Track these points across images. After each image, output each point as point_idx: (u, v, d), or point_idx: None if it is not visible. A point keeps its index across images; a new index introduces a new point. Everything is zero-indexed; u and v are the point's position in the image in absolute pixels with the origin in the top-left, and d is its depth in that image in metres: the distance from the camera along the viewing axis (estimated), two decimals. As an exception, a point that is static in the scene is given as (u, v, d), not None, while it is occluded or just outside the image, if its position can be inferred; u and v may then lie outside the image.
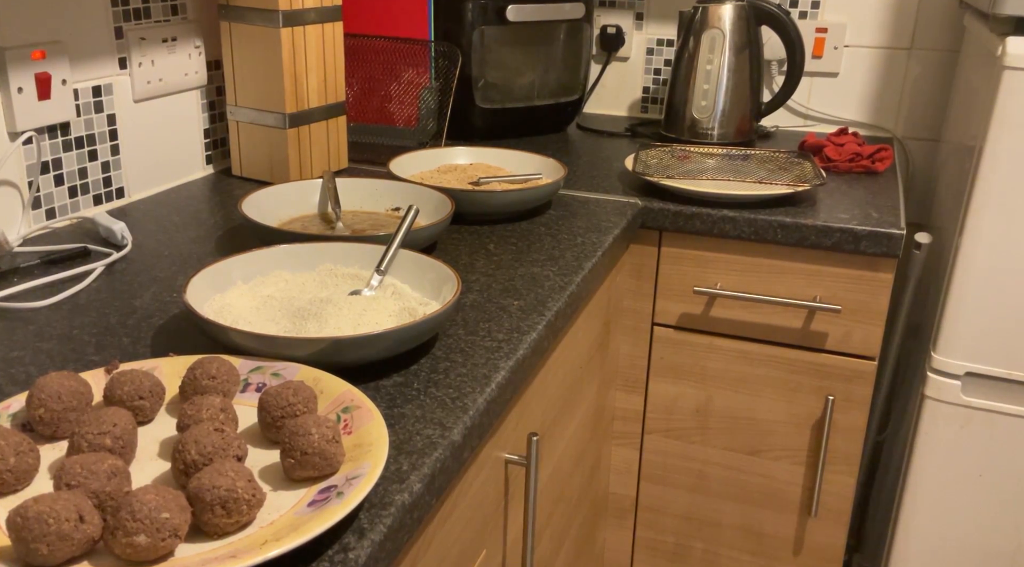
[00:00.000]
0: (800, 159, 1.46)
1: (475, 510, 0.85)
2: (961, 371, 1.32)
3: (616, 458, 1.50)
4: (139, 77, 1.26)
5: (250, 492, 0.56)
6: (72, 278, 0.99)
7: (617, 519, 1.54)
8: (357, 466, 0.62)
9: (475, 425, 0.75)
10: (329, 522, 0.55)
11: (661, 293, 1.39)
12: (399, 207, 1.18)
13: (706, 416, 1.43)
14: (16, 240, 1.09)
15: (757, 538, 1.46)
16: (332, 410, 0.69)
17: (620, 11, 1.89)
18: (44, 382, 0.66)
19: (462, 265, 1.06)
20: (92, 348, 0.84)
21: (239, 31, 1.31)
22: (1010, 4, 1.21)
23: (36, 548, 0.51)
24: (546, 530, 1.14)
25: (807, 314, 1.33)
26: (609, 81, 1.94)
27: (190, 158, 1.40)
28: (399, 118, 1.57)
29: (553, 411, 1.09)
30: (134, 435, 0.64)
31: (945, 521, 1.39)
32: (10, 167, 1.10)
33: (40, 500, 0.52)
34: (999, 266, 1.25)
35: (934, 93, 1.74)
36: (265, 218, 1.09)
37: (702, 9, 1.60)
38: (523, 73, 1.67)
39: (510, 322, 0.91)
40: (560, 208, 1.28)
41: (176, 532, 0.53)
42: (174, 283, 0.99)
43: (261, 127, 1.34)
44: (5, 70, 1.07)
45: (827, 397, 1.34)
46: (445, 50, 1.53)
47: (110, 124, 1.24)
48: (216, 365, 0.71)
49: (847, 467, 1.38)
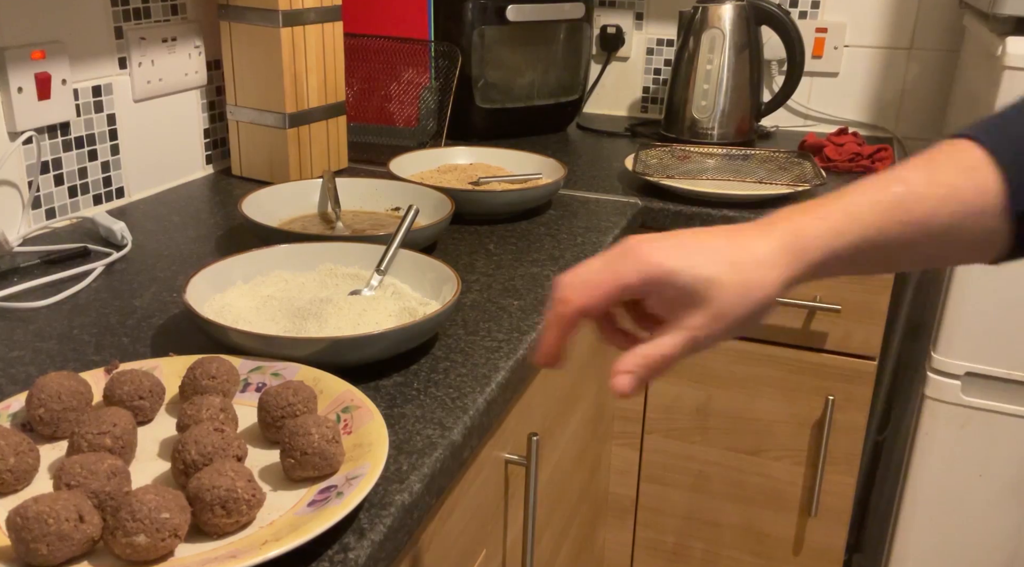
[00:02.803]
0: (800, 159, 1.46)
1: (475, 510, 0.85)
2: (961, 371, 1.32)
3: (616, 458, 1.50)
4: (139, 77, 1.26)
5: (250, 492, 0.56)
6: (72, 278, 0.99)
7: (617, 519, 1.54)
8: (357, 466, 0.62)
9: (475, 425, 0.75)
10: (329, 522, 0.55)
11: (661, 293, 1.39)
12: (399, 207, 1.18)
13: (706, 416, 1.43)
14: (16, 240, 1.09)
15: (757, 538, 1.46)
16: (332, 410, 0.69)
17: (620, 11, 1.89)
18: (44, 382, 0.66)
19: (462, 265, 1.06)
20: (92, 348, 0.84)
21: (239, 31, 1.31)
22: (1010, 4, 1.21)
23: (36, 548, 0.51)
24: (546, 530, 1.14)
25: (807, 314, 1.33)
26: (609, 81, 1.94)
27: (190, 158, 1.40)
28: (399, 118, 1.57)
29: (553, 411, 1.09)
30: (134, 435, 0.64)
31: (945, 521, 1.39)
32: (10, 167, 1.10)
33: (40, 500, 0.52)
34: (999, 266, 1.25)
35: (934, 93, 1.74)
36: (265, 218, 1.09)
37: (702, 9, 1.60)
38: (523, 73, 1.67)
39: (510, 322, 0.91)
40: (560, 208, 1.28)
41: (176, 532, 0.53)
42: (174, 283, 0.99)
43: (261, 127, 1.34)
44: (5, 70, 1.06)
45: (827, 397, 1.34)
46: (445, 50, 1.53)
47: (110, 124, 1.23)
48: (216, 365, 0.71)
49: (847, 467, 1.38)
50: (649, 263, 0.55)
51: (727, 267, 0.55)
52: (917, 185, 0.56)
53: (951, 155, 0.57)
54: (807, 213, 0.57)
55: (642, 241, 0.56)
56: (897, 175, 0.57)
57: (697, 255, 0.55)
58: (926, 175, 0.57)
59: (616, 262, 0.55)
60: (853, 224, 0.56)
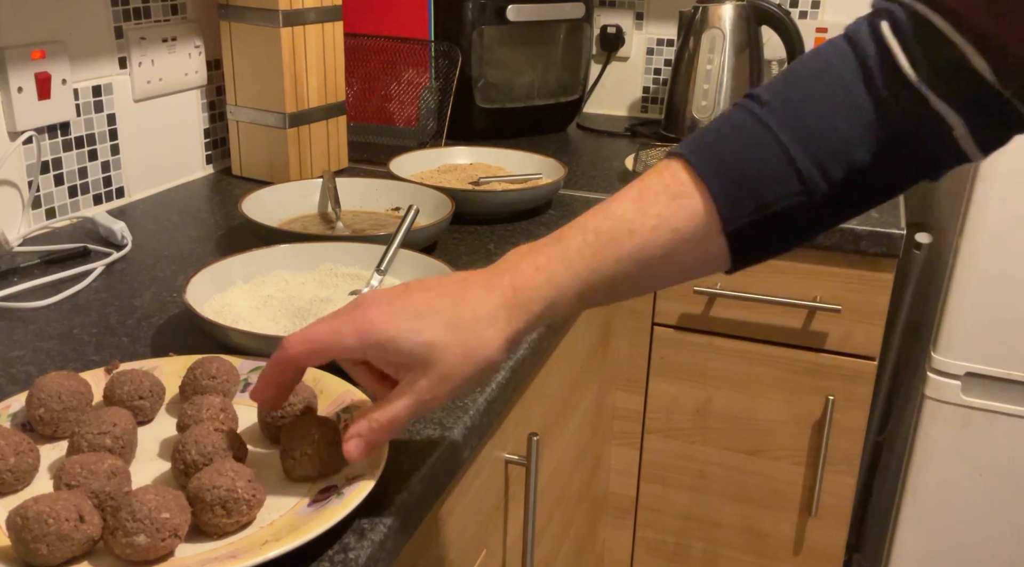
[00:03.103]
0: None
1: (475, 510, 0.85)
2: (961, 371, 1.32)
3: (616, 458, 1.50)
4: (139, 77, 1.26)
5: (250, 492, 0.56)
6: (72, 278, 0.99)
7: (617, 519, 1.54)
8: (357, 466, 0.62)
9: (475, 425, 0.75)
10: (329, 522, 0.55)
11: (661, 293, 1.39)
12: (399, 207, 1.18)
13: (706, 416, 1.43)
14: (16, 240, 1.09)
15: (757, 538, 1.46)
16: (332, 410, 0.69)
17: (620, 11, 1.89)
18: (44, 382, 0.66)
19: (462, 265, 1.06)
20: (92, 348, 0.84)
21: (239, 31, 1.31)
22: (1010, 4, 1.21)
23: (36, 548, 0.51)
24: (546, 530, 1.14)
25: (807, 314, 1.33)
26: (609, 81, 1.94)
27: (190, 158, 1.40)
28: (399, 118, 1.57)
29: (553, 411, 1.09)
30: (134, 435, 0.64)
31: (945, 521, 1.39)
32: (10, 167, 1.10)
33: (40, 500, 0.52)
34: (999, 266, 1.25)
35: (934, 93, 1.74)
36: (265, 218, 1.09)
37: (702, 9, 1.60)
38: (523, 73, 1.67)
39: (510, 322, 0.91)
40: (560, 208, 1.28)
41: (176, 532, 0.53)
42: (174, 283, 0.99)
43: (261, 127, 1.34)
44: (5, 70, 1.06)
45: (827, 397, 1.34)
46: (445, 50, 1.53)
47: (110, 124, 1.23)
48: (216, 365, 0.71)
49: (847, 467, 1.38)
50: (370, 329, 0.56)
51: (447, 330, 0.56)
52: (626, 220, 0.58)
53: (662, 180, 0.59)
54: (531, 258, 0.59)
55: (371, 304, 0.57)
56: (609, 210, 0.59)
57: (419, 319, 0.56)
58: (636, 207, 0.58)
59: (341, 323, 0.57)
60: (567, 272, 0.58)
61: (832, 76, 0.58)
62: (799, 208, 0.58)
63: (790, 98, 0.58)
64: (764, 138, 0.58)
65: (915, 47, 0.56)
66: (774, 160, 0.57)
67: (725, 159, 0.58)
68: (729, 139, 0.59)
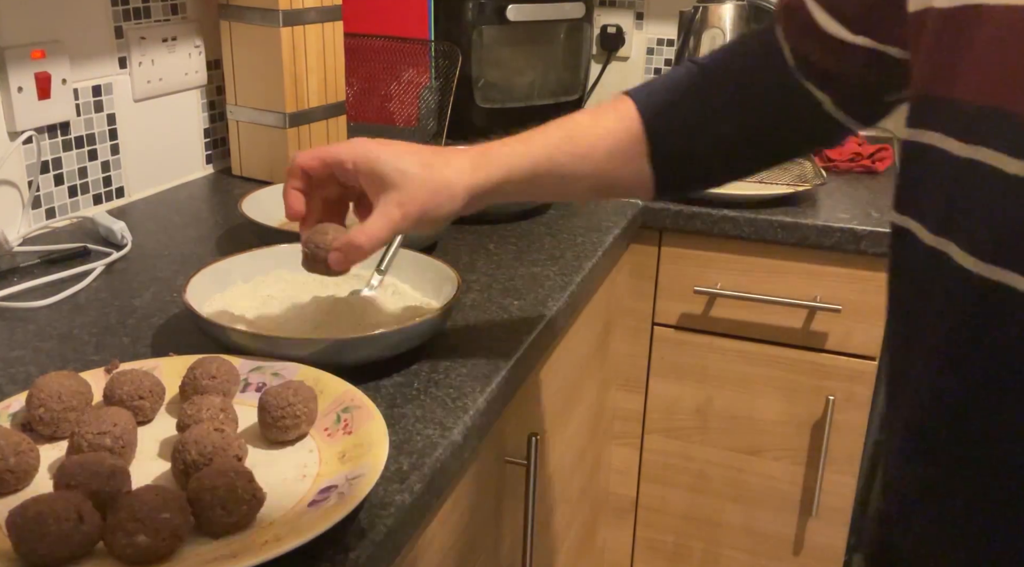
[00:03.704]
0: (800, 159, 1.46)
1: (475, 510, 0.85)
2: (961, 371, 1.32)
3: (616, 458, 1.50)
4: (139, 77, 1.26)
5: (250, 492, 0.56)
6: (72, 278, 0.99)
7: (617, 519, 1.54)
8: (357, 466, 0.62)
9: (475, 425, 0.75)
10: (329, 522, 0.55)
11: (661, 293, 1.39)
12: (399, 207, 1.18)
13: (706, 416, 1.43)
14: (16, 240, 1.09)
15: (757, 538, 1.46)
16: (332, 410, 0.69)
17: (620, 11, 1.89)
18: (44, 382, 0.66)
19: (462, 265, 1.06)
20: (92, 348, 0.84)
21: (239, 31, 1.30)
22: (1010, 4, 1.21)
23: (36, 548, 0.51)
24: (546, 530, 1.14)
25: (807, 314, 1.33)
26: (609, 81, 1.94)
27: (190, 158, 1.40)
28: (399, 118, 1.57)
29: (553, 411, 1.09)
30: (134, 435, 0.64)
31: (945, 521, 1.38)
32: (10, 167, 1.10)
33: (40, 500, 0.52)
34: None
35: (934, 93, 1.73)
36: (265, 218, 1.09)
37: (702, 9, 1.60)
38: (523, 72, 1.67)
39: (510, 322, 0.91)
40: (560, 208, 1.28)
41: (176, 532, 0.53)
42: (174, 283, 0.99)
43: (261, 127, 1.34)
44: (5, 70, 1.06)
45: (827, 397, 1.34)
46: (445, 50, 1.53)
47: (110, 123, 1.23)
48: (216, 365, 0.71)
49: (847, 467, 1.38)
50: (363, 148, 0.71)
51: (420, 166, 0.70)
52: (582, 125, 0.76)
53: (615, 107, 0.77)
54: (499, 144, 0.75)
55: (369, 140, 0.72)
56: (570, 117, 0.77)
57: (402, 156, 0.71)
58: (591, 118, 0.77)
59: (341, 144, 0.72)
60: (530, 150, 0.74)
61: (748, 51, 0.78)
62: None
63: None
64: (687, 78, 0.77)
65: (798, 42, 0.72)
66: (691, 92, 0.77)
67: (656, 101, 0.76)
68: (659, 84, 0.78)
